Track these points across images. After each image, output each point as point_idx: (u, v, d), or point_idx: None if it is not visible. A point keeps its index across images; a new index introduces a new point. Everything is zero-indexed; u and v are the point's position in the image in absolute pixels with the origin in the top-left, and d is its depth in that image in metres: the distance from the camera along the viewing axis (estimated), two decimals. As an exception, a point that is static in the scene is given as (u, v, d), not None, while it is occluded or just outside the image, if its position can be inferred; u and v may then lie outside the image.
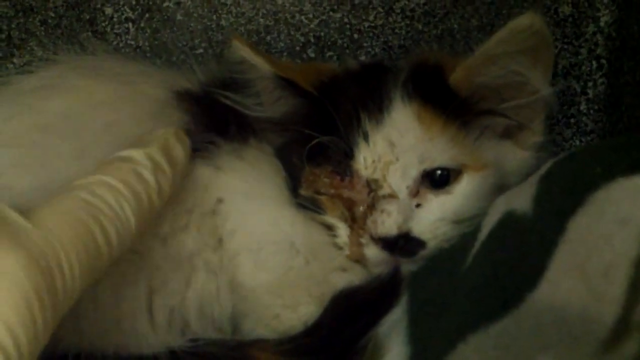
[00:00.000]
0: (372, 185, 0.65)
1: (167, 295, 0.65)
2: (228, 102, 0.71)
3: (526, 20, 0.61)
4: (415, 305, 0.60)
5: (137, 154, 0.58)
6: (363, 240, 0.65)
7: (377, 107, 0.66)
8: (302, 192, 0.68)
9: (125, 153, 0.58)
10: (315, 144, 0.65)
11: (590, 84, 0.96)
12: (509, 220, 0.54)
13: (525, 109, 0.68)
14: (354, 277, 0.68)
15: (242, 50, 0.68)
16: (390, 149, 0.64)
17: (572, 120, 0.97)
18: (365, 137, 0.65)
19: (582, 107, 0.97)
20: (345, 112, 0.66)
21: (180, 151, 0.62)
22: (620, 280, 0.44)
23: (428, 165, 0.64)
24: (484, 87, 0.66)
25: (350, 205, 0.66)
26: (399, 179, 0.64)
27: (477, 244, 0.56)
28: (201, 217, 0.67)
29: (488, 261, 0.53)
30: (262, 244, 0.68)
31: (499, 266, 0.52)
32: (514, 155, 0.69)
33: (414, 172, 0.64)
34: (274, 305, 0.68)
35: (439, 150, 0.64)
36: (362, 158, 0.65)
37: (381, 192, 0.64)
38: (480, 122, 0.67)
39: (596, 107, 0.97)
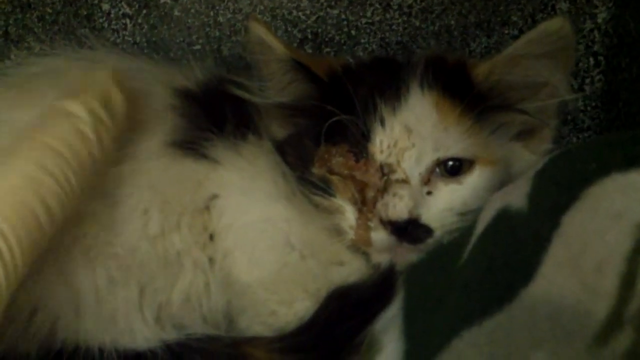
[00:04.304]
0: (385, 169, 0.65)
1: (154, 293, 0.65)
2: (235, 89, 0.71)
3: (557, 23, 0.63)
4: (410, 301, 0.60)
5: (77, 108, 0.57)
6: (371, 224, 0.65)
7: (394, 94, 0.67)
8: (315, 170, 0.68)
9: (65, 106, 0.57)
10: (333, 123, 0.66)
11: (587, 80, 0.96)
12: (504, 216, 0.55)
13: (541, 113, 0.69)
14: (350, 270, 0.68)
15: (259, 31, 0.68)
16: (406, 135, 0.65)
17: (569, 117, 0.97)
18: (382, 122, 0.65)
19: (579, 103, 0.97)
20: (361, 97, 0.67)
21: (119, 100, 0.61)
22: (614, 275, 0.44)
23: (442, 153, 0.65)
24: (505, 84, 0.67)
25: (361, 187, 0.66)
26: (413, 164, 0.65)
27: (473, 240, 0.57)
28: (193, 215, 0.68)
29: (483, 257, 0.54)
30: (257, 240, 0.68)
31: (494, 262, 0.52)
32: (523, 158, 0.70)
33: (428, 159, 0.65)
34: (270, 301, 0.68)
35: (454, 139, 0.65)
36: (379, 141, 0.65)
37: (394, 177, 0.65)
38: (496, 119, 0.67)
39: (593, 104, 0.97)
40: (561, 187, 0.51)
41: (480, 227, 0.57)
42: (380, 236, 0.65)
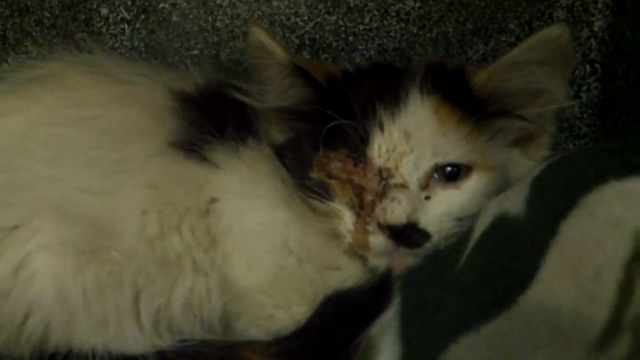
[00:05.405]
0: (383, 174, 0.65)
1: (152, 296, 0.65)
2: (234, 92, 0.72)
3: (556, 30, 0.64)
4: (407, 306, 0.60)
5: None
6: (369, 228, 0.65)
7: (394, 99, 0.67)
8: (313, 174, 0.69)
9: None
10: (331, 128, 0.66)
11: (584, 88, 0.97)
12: (502, 222, 0.55)
13: (539, 119, 0.69)
14: (347, 275, 0.68)
15: (260, 35, 0.69)
16: (405, 140, 0.65)
17: (566, 124, 0.97)
18: (381, 127, 0.66)
19: (576, 111, 0.97)
20: (360, 102, 0.67)
21: None
22: (612, 281, 0.44)
23: (440, 159, 0.65)
24: (504, 91, 0.67)
25: (359, 191, 0.66)
26: (411, 169, 0.65)
27: (470, 245, 0.57)
28: (195, 218, 0.68)
29: (480, 262, 0.54)
30: (256, 244, 0.68)
31: (491, 267, 0.52)
32: (520, 164, 0.70)
33: (427, 164, 0.65)
34: (267, 305, 0.68)
35: (452, 145, 0.65)
36: (377, 146, 0.66)
37: (393, 181, 0.65)
38: (494, 125, 0.68)
39: (590, 111, 0.98)
40: (559, 194, 0.51)
41: (477, 233, 0.57)
42: (378, 240, 0.65)
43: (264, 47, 0.69)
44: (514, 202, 0.55)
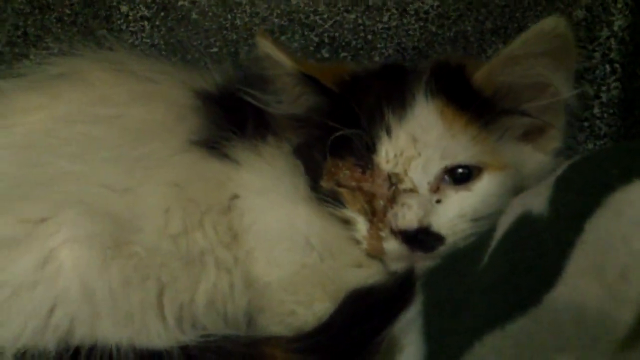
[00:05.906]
0: (393, 179, 0.65)
1: (176, 292, 0.65)
2: (249, 98, 0.72)
3: (551, 22, 0.63)
4: (430, 304, 0.60)
5: None
6: (383, 234, 0.65)
7: (400, 103, 0.67)
8: (323, 184, 0.69)
9: None
10: (338, 137, 0.66)
11: (603, 88, 0.97)
12: (525, 221, 0.55)
13: (547, 112, 0.69)
14: (369, 273, 0.68)
15: (266, 47, 0.69)
16: (412, 144, 0.65)
17: (586, 124, 0.97)
18: (388, 132, 0.66)
19: (596, 110, 0.97)
20: (368, 107, 0.67)
21: None
22: (638, 280, 0.44)
23: (450, 161, 0.65)
24: (506, 87, 0.67)
25: (370, 198, 0.66)
26: (421, 173, 0.65)
27: (493, 244, 0.57)
28: (217, 215, 0.68)
29: (504, 261, 0.54)
30: (277, 241, 0.69)
31: (516, 266, 0.52)
32: (533, 159, 0.70)
33: (436, 167, 0.65)
34: (289, 302, 0.68)
35: (461, 147, 0.65)
36: (384, 152, 0.66)
37: (402, 186, 0.65)
38: (502, 123, 0.67)
39: (610, 111, 0.97)
40: (583, 193, 0.51)
41: (500, 232, 0.57)
42: (392, 246, 0.65)
43: (271, 57, 0.69)
44: (537, 202, 0.55)
